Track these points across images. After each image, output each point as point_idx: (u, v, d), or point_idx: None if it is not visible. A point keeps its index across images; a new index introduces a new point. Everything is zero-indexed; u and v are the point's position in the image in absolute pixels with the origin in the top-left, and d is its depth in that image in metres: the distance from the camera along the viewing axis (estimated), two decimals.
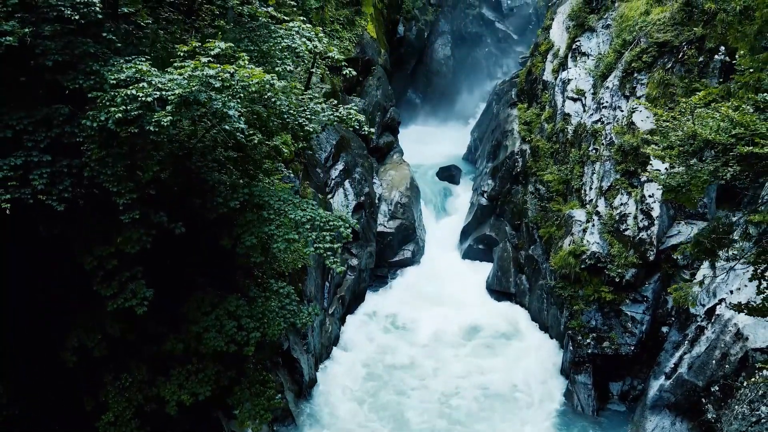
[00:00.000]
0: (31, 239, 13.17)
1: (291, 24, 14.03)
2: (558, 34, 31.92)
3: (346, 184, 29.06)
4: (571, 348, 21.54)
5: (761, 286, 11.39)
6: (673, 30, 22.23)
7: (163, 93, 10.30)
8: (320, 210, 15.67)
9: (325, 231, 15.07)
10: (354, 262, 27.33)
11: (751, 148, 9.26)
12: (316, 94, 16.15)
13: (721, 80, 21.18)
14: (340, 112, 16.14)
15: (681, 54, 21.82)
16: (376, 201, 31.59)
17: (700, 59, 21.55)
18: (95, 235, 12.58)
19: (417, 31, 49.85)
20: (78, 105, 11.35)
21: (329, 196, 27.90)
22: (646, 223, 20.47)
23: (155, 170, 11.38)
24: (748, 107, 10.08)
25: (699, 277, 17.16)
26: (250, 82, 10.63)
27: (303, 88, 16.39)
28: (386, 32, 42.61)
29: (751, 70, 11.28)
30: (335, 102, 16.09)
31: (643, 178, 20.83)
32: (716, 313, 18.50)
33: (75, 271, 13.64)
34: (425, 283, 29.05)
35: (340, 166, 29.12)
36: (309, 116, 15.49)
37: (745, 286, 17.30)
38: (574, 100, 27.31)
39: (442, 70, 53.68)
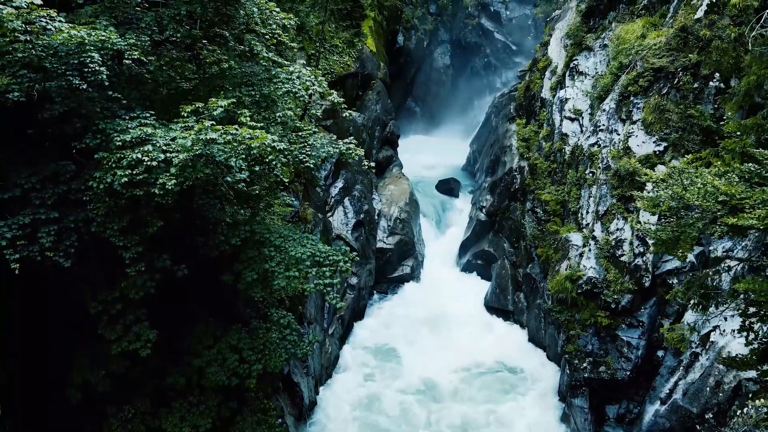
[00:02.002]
0: (35, 275, 13.44)
1: (291, 68, 14.32)
2: (556, 51, 32.18)
3: (346, 201, 29.29)
4: (568, 371, 21.80)
5: (749, 338, 11.66)
6: (669, 55, 22.43)
7: (168, 155, 10.56)
8: (320, 245, 15.94)
9: (325, 266, 15.33)
10: (354, 280, 27.56)
11: (735, 219, 9.51)
12: (316, 129, 16.37)
13: (715, 106, 21.43)
14: (339, 147, 16.41)
15: (676, 80, 22.04)
16: (375, 217, 31.81)
17: (695, 85, 21.77)
18: (100, 278, 12.84)
19: (416, 41, 50.09)
20: (85, 156, 11.60)
21: (329, 214, 28.14)
22: (641, 249, 20.71)
23: (159, 225, 11.65)
24: (734, 176, 10.34)
25: (690, 316, 17.44)
26: (252, 145, 10.90)
27: (303, 122, 16.62)
28: (386, 43, 42.82)
29: (738, 133, 11.53)
30: (335, 137, 16.33)
31: (639, 204, 21.06)
32: (711, 339, 18.76)
33: (79, 309, 13.92)
34: (424, 301, 29.21)
35: (339, 184, 29.33)
36: (308, 152, 15.77)
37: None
38: (572, 119, 27.55)
39: (441, 79, 54.03)
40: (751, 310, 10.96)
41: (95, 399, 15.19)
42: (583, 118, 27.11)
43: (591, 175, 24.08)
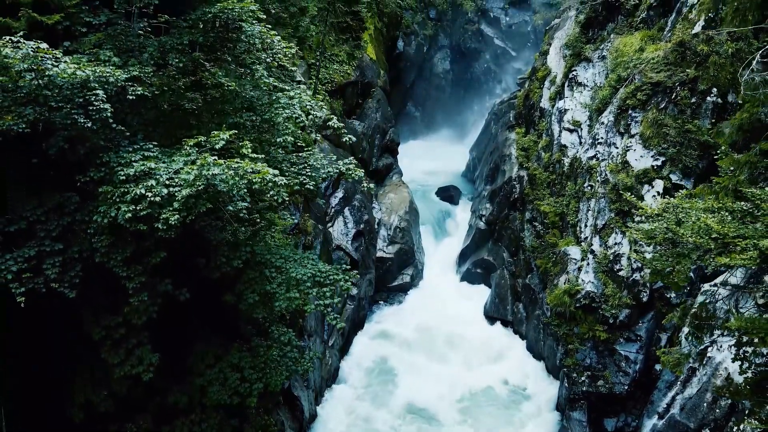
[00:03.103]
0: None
1: (291, 93, 14.48)
2: (555, 61, 32.28)
3: (346, 211, 29.41)
4: (566, 385, 21.97)
5: (743, 366, 11.82)
6: (667, 70, 22.57)
7: (171, 189, 10.73)
8: (320, 264, 16.08)
9: (326, 286, 15.47)
10: (354, 291, 27.61)
11: (727, 259, 9.68)
12: (317, 149, 16.54)
13: (713, 121, 21.56)
14: (339, 167, 16.56)
15: (674, 94, 22.18)
16: (375, 226, 31.92)
17: (693, 100, 21.91)
18: (103, 302, 12.99)
19: (416, 46, 50.19)
20: (89, 184, 11.74)
21: (329, 225, 28.26)
22: (639, 264, 20.84)
23: (162, 256, 11.81)
24: (726, 214, 10.49)
25: (685, 341, 17.64)
26: (253, 179, 11.08)
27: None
28: (386, 49, 42.92)
29: (732, 168, 11.66)
30: (335, 157, 16.47)
31: (637, 219, 21.21)
32: (708, 355, 18.91)
33: (81, 328, 14.05)
34: (423, 310, 29.29)
35: (339, 194, 29.43)
36: (309, 173, 15.92)
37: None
38: (571, 131, 27.68)
39: (441, 84, 54.14)
40: (746, 338, 11.14)
41: (97, 418, 15.34)
42: (581, 129, 27.24)
43: (590, 188, 24.22)
